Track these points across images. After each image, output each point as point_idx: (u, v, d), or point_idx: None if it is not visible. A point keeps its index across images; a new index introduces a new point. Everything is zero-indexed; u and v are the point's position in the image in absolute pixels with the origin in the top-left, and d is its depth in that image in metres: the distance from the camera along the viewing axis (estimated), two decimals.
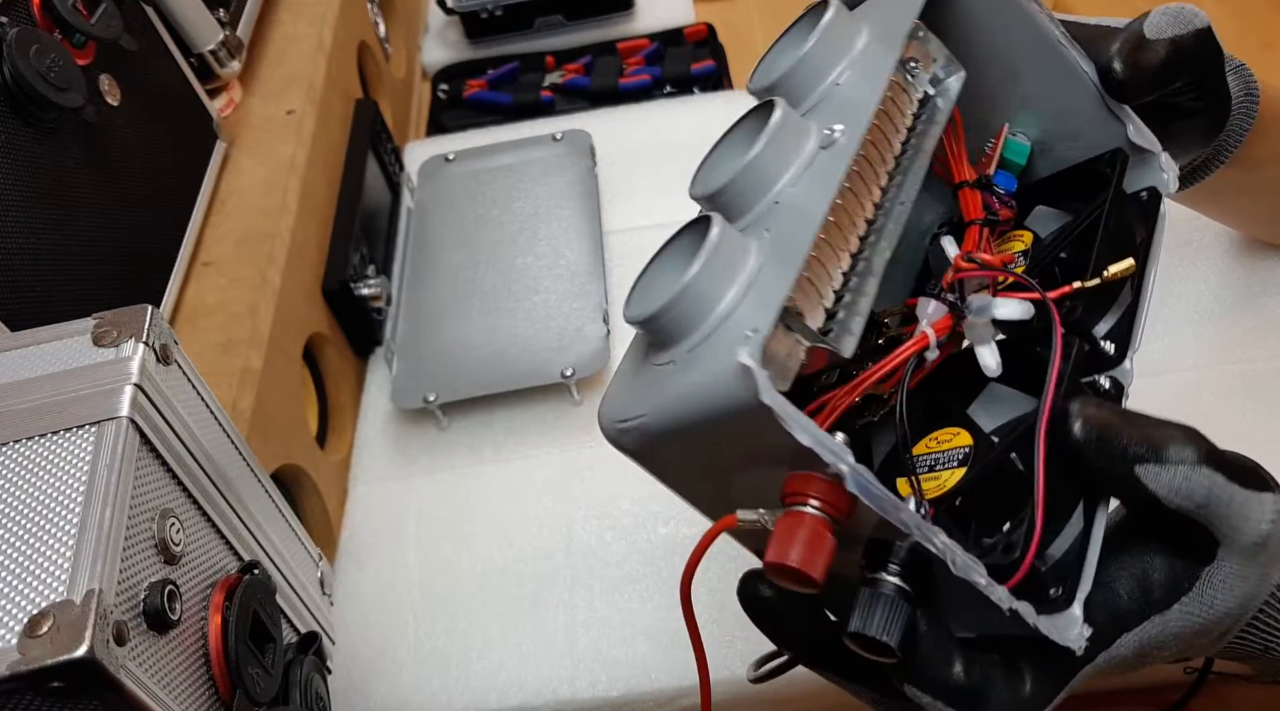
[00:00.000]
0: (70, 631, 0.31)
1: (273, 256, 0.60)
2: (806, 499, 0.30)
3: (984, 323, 0.36)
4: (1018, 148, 0.42)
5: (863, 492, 0.29)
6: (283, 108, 0.71)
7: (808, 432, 0.29)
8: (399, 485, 0.65)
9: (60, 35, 0.52)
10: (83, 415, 0.37)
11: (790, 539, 0.30)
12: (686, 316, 0.32)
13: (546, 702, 0.54)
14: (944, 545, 0.30)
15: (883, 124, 0.37)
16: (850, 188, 0.35)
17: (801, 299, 0.32)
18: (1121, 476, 0.32)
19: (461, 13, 0.98)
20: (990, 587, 0.30)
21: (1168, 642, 0.34)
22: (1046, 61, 0.40)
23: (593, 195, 0.77)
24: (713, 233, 0.31)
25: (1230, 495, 0.32)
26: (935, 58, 0.39)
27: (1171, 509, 0.32)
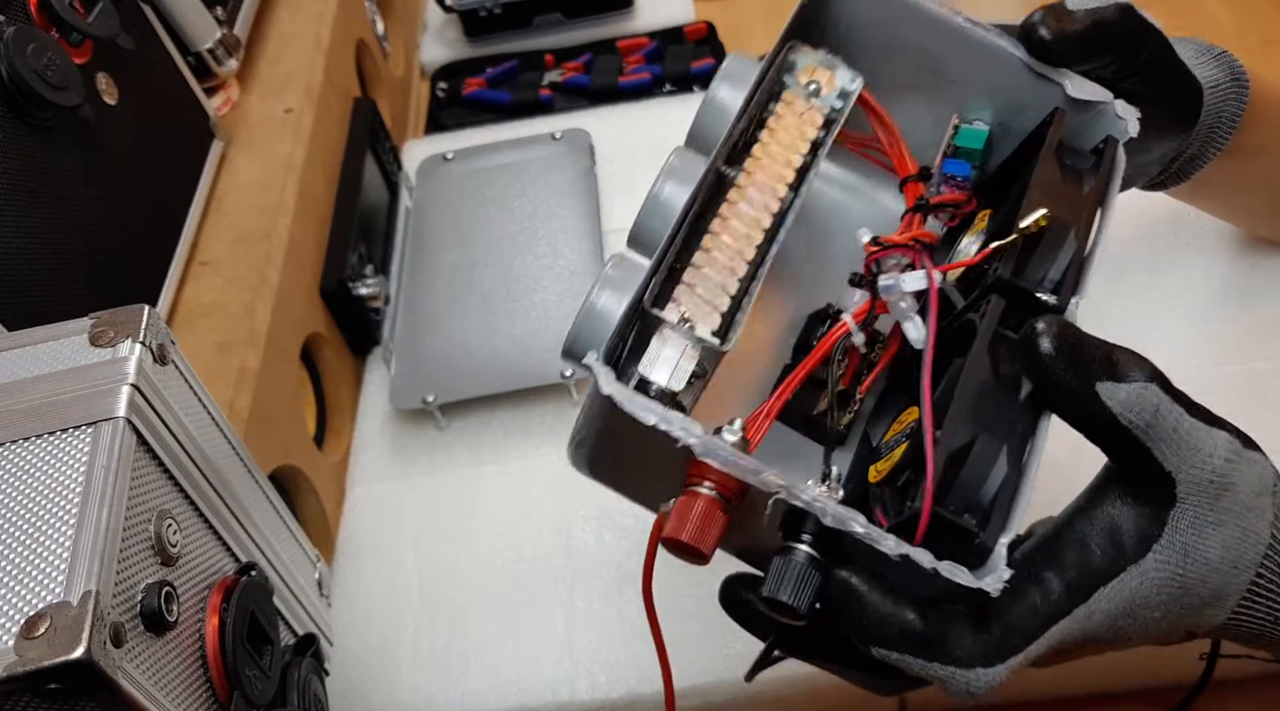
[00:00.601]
0: (67, 633, 0.30)
1: (270, 256, 0.60)
2: (701, 480, 0.33)
3: (902, 298, 0.38)
4: (973, 134, 0.43)
5: (712, 457, 0.32)
6: (280, 106, 0.70)
7: (653, 413, 0.32)
8: (397, 486, 0.65)
9: (57, 34, 0.51)
10: (79, 415, 0.37)
11: (683, 517, 0.32)
12: (594, 340, 0.35)
13: (546, 703, 0.54)
14: (809, 499, 0.32)
15: (777, 143, 0.39)
16: (741, 205, 0.38)
17: (693, 309, 0.36)
18: (1082, 392, 0.33)
19: (460, 11, 0.97)
20: (870, 536, 0.31)
21: (1154, 600, 0.34)
22: (961, 47, 0.42)
23: (592, 194, 0.77)
24: (608, 264, 0.36)
25: (1178, 418, 0.33)
26: (835, 73, 0.41)
27: (1123, 428, 0.32)
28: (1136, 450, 0.33)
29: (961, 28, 0.41)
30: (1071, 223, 0.38)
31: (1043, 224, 0.37)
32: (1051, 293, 0.37)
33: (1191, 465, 0.33)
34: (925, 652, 0.33)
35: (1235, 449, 0.33)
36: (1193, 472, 0.33)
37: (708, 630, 0.55)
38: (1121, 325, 0.63)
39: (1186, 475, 0.33)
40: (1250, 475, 0.34)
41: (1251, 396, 0.59)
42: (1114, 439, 0.33)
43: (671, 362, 0.35)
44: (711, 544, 0.32)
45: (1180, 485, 0.33)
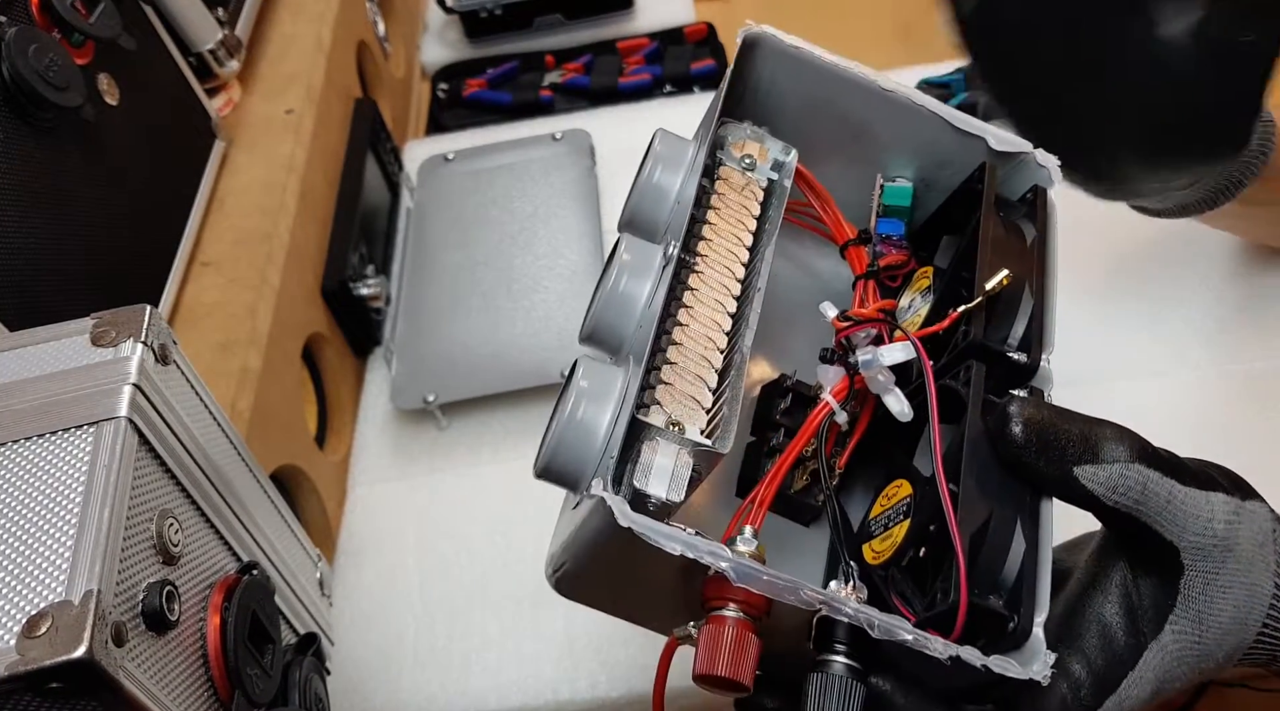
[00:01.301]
0: (69, 632, 0.31)
1: (271, 256, 0.60)
2: (725, 602, 0.31)
3: (880, 372, 0.37)
4: (899, 192, 0.44)
5: (751, 583, 0.30)
6: (282, 107, 0.71)
7: (678, 542, 0.30)
8: (398, 485, 0.65)
9: (59, 34, 0.51)
10: (81, 415, 0.37)
11: (714, 647, 0.30)
12: (575, 457, 0.33)
13: (546, 703, 0.54)
14: (854, 612, 0.30)
15: (727, 225, 0.38)
16: (704, 290, 0.36)
17: (677, 409, 0.33)
18: (1060, 478, 0.32)
19: (461, 12, 0.98)
20: (919, 642, 0.30)
21: (1176, 671, 0.34)
22: (881, 109, 0.42)
23: (592, 195, 0.77)
24: (578, 372, 0.34)
25: (1170, 491, 0.32)
26: (767, 146, 0.41)
27: (1113, 508, 0.32)
28: (1133, 524, 0.33)
29: (880, 90, 0.41)
30: (1023, 277, 0.38)
31: (1005, 284, 0.37)
32: (1019, 350, 0.37)
33: (1193, 533, 0.33)
34: None
35: (1234, 508, 0.33)
36: (1195, 539, 0.33)
37: None
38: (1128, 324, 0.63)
39: (1189, 543, 0.33)
40: (1250, 529, 0.34)
41: (1254, 398, 0.59)
42: (1107, 517, 0.33)
43: (667, 472, 0.32)
44: (751, 674, 0.30)
45: (1185, 553, 0.33)
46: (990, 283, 0.37)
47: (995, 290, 0.37)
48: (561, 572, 0.36)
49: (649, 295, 0.36)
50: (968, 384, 0.36)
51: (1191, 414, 0.38)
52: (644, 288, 0.36)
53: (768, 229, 0.39)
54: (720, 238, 0.38)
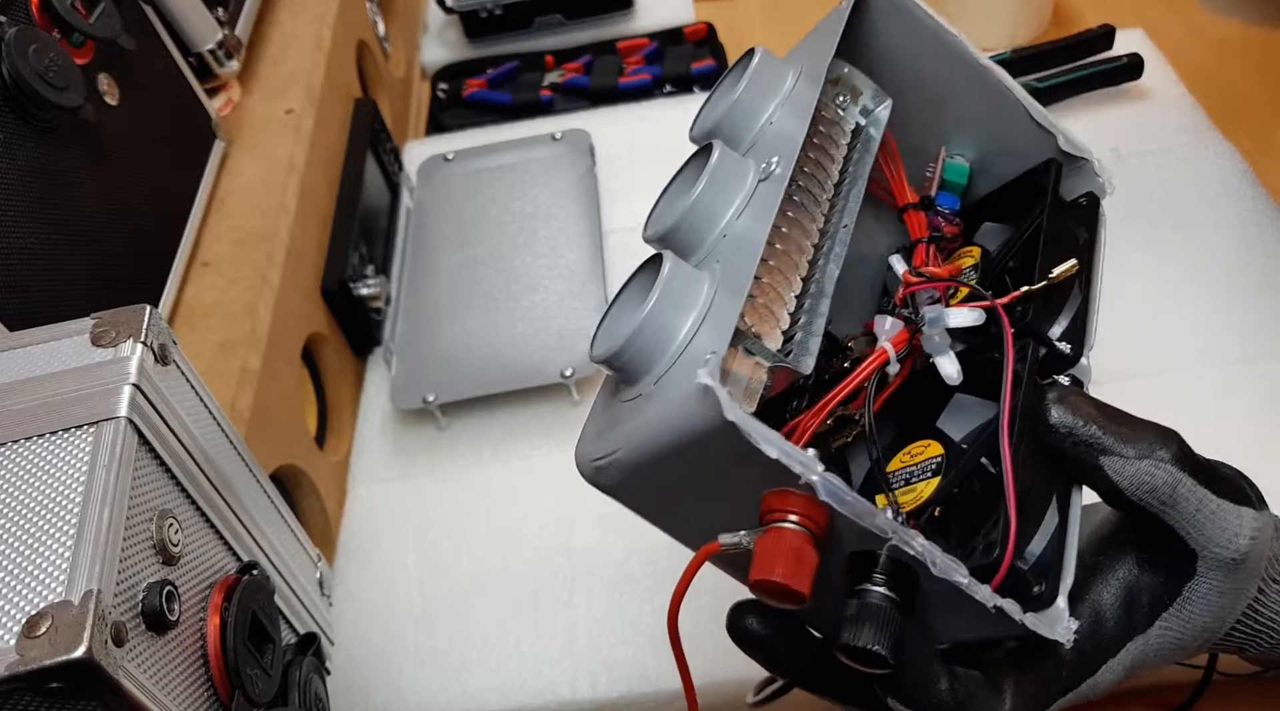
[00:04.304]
0: (69, 632, 0.31)
1: (271, 256, 0.60)
2: (785, 515, 0.30)
3: (939, 333, 0.37)
4: (957, 169, 0.44)
5: (835, 500, 0.30)
6: (282, 107, 0.71)
7: (774, 445, 0.29)
8: (398, 485, 0.65)
9: (59, 34, 0.51)
10: (81, 415, 0.37)
11: (773, 555, 0.30)
12: (647, 351, 0.33)
13: (547, 703, 0.54)
14: (923, 547, 0.30)
15: (817, 154, 0.38)
16: (792, 215, 0.36)
17: (758, 323, 0.33)
18: (1088, 465, 0.32)
19: (461, 12, 0.98)
20: (972, 586, 0.31)
21: (1150, 661, 0.34)
22: (973, 85, 0.41)
23: (592, 195, 0.77)
24: (665, 269, 0.33)
25: (1201, 500, 0.32)
26: (863, 91, 0.41)
27: (1137, 504, 0.32)
28: (1159, 524, 0.33)
29: (982, 67, 0.41)
30: (1073, 275, 0.38)
31: (1070, 274, 0.37)
32: (1064, 340, 0.37)
33: (1217, 545, 0.33)
34: None
35: (1260, 525, 0.33)
36: (1218, 552, 0.33)
37: (704, 630, 0.55)
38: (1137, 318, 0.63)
39: (1211, 554, 0.33)
40: (1263, 541, 0.34)
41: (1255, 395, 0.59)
42: (1133, 512, 0.33)
43: (742, 381, 0.32)
44: (808, 583, 0.30)
45: (1202, 562, 0.33)
46: (1059, 269, 0.37)
47: (1060, 278, 0.37)
48: (609, 462, 0.34)
49: (738, 207, 0.35)
50: (1022, 360, 0.35)
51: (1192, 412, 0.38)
52: (734, 198, 0.36)
53: (853, 172, 0.39)
54: (815, 176, 0.38)
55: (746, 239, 0.34)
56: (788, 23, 1.01)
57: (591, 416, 0.37)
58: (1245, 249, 0.66)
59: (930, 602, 0.32)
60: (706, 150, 0.37)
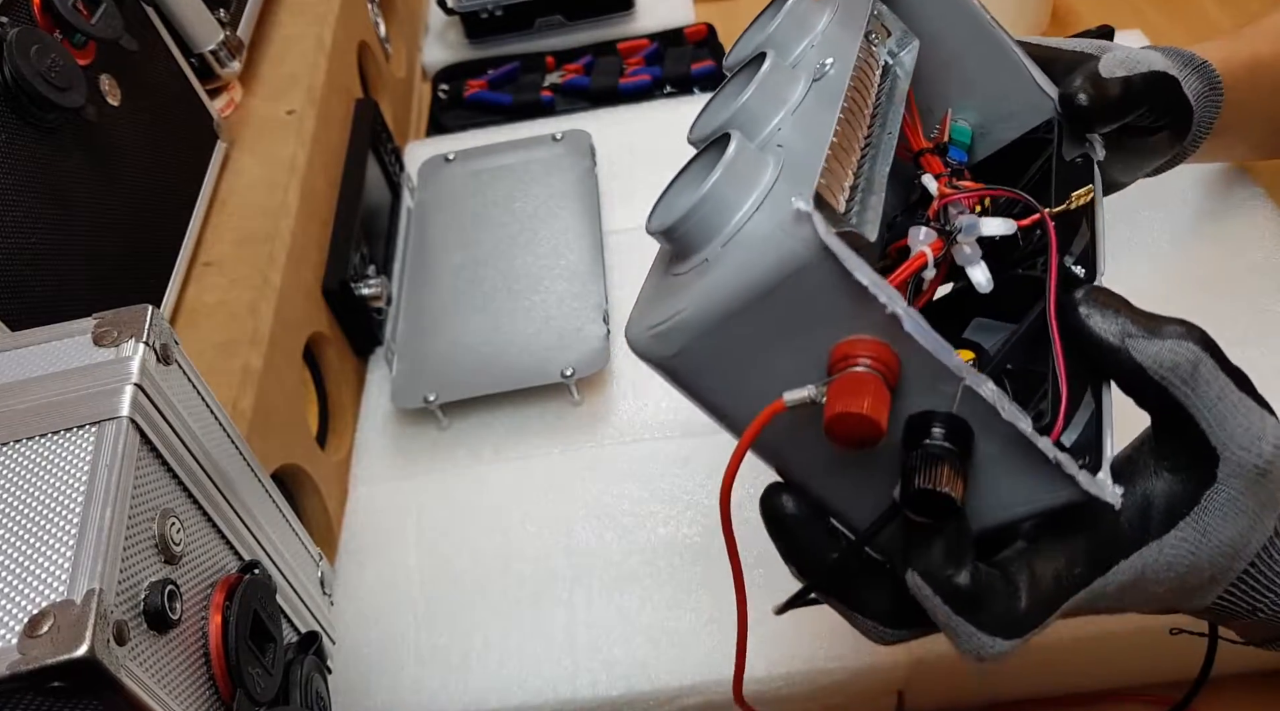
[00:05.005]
0: (70, 631, 0.31)
1: (273, 256, 0.60)
2: (858, 359, 0.31)
3: (970, 243, 0.39)
4: (961, 131, 0.45)
5: (918, 333, 0.31)
6: (283, 108, 0.71)
7: (864, 273, 0.30)
8: (399, 485, 0.65)
9: (61, 35, 0.52)
10: (83, 415, 0.37)
11: (853, 390, 0.30)
12: (712, 219, 0.32)
13: (547, 702, 0.54)
14: (993, 391, 0.31)
15: (859, 74, 0.39)
16: (842, 115, 0.36)
17: (825, 192, 0.33)
18: (1114, 348, 0.33)
19: (462, 13, 0.98)
20: (1035, 436, 0.32)
21: (1162, 575, 0.34)
22: (982, 45, 0.44)
23: (593, 195, 0.77)
24: (732, 144, 0.33)
25: (1224, 388, 0.32)
26: (891, 31, 0.43)
27: (1160, 385, 0.32)
28: (1180, 414, 0.33)
29: (995, 34, 0.43)
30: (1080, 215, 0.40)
31: (1087, 199, 0.39)
32: (1079, 265, 0.39)
33: (1240, 446, 0.32)
34: (962, 609, 0.33)
35: None
36: (1240, 454, 0.32)
37: (708, 627, 0.55)
38: None
39: (1232, 455, 0.32)
40: None
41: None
42: (1155, 400, 0.33)
43: None
44: (885, 415, 0.30)
45: (1224, 465, 0.33)
46: (1077, 192, 0.39)
47: (1078, 201, 0.39)
48: (671, 325, 0.33)
49: (794, 102, 0.36)
50: (1045, 271, 0.37)
51: None
52: (788, 96, 0.36)
53: (887, 99, 0.41)
54: (861, 93, 0.39)
55: (811, 127, 0.35)
56: None
57: (641, 297, 0.37)
58: (1241, 248, 0.66)
59: (979, 473, 0.33)
60: (754, 63, 0.37)
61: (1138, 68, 0.43)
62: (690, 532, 0.59)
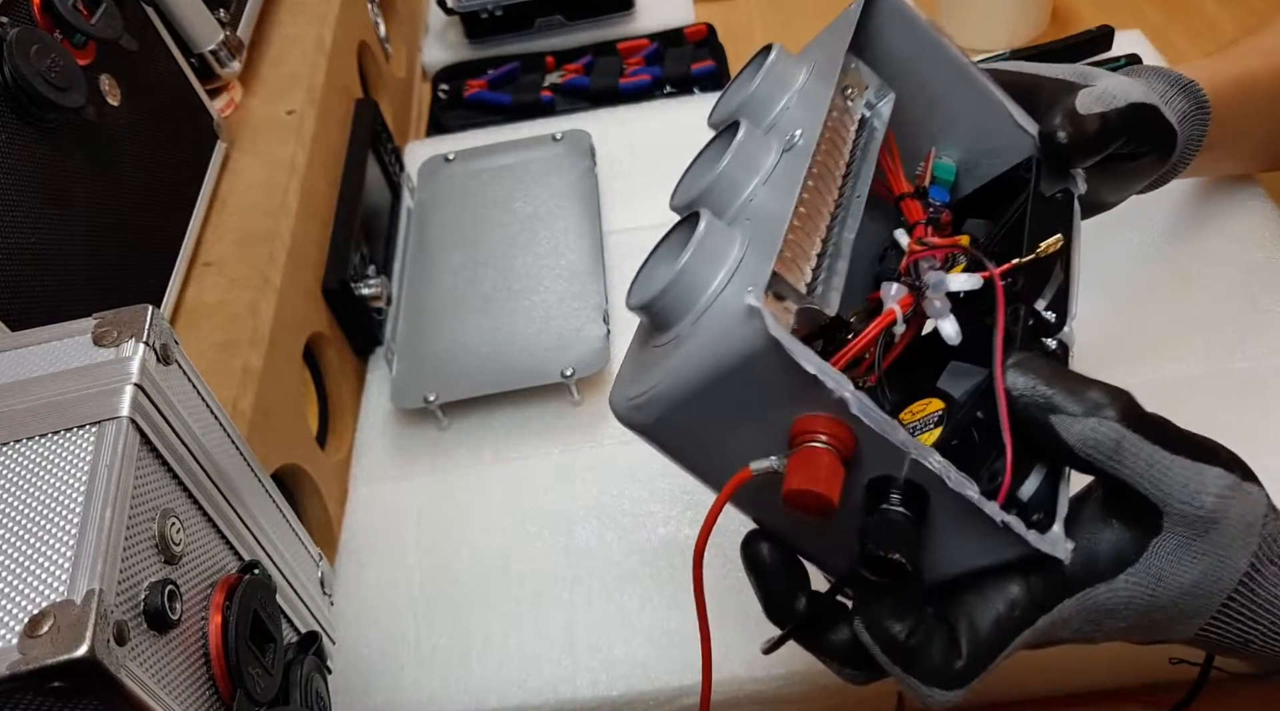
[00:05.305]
0: (71, 631, 0.31)
1: (273, 256, 0.60)
2: (815, 435, 0.33)
3: (940, 298, 0.40)
4: (945, 168, 0.47)
5: (864, 414, 0.33)
6: (283, 108, 0.71)
7: (812, 362, 0.32)
8: (399, 485, 0.65)
9: (61, 35, 0.52)
10: (83, 415, 0.37)
11: (806, 467, 0.33)
12: (684, 297, 0.35)
13: (547, 701, 0.54)
14: (939, 463, 0.33)
15: (831, 135, 0.41)
16: (812, 183, 0.39)
17: (785, 272, 0.35)
18: (1040, 423, 0.34)
19: (462, 13, 0.98)
20: (982, 502, 0.33)
21: (1120, 611, 0.35)
22: (962, 88, 0.45)
23: (593, 195, 0.77)
24: (702, 223, 0.36)
25: (1152, 456, 0.33)
26: (868, 84, 0.44)
27: (1087, 461, 0.33)
28: (1117, 483, 0.34)
29: (974, 77, 0.45)
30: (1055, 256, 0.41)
31: (1055, 248, 0.40)
32: (1050, 310, 0.40)
33: (1180, 501, 0.33)
34: (897, 659, 0.35)
35: (1229, 484, 0.34)
36: (1181, 508, 0.33)
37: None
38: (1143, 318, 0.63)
39: (1175, 510, 0.33)
40: (1241, 509, 0.34)
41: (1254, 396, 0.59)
42: (1088, 470, 0.34)
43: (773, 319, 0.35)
44: (838, 491, 0.33)
45: (1167, 518, 0.34)
46: (1046, 242, 0.40)
47: (1046, 251, 0.40)
48: (647, 398, 0.36)
49: (764, 174, 0.39)
50: (1015, 318, 0.39)
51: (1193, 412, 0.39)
52: (759, 169, 0.39)
53: (861, 154, 0.43)
54: (830, 154, 0.41)
55: (779, 197, 0.37)
56: (787, 23, 1.01)
57: (623, 366, 0.40)
58: (1241, 248, 0.66)
59: (934, 530, 0.34)
60: (730, 129, 0.39)
61: (1114, 103, 0.43)
62: (690, 532, 0.59)
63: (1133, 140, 0.45)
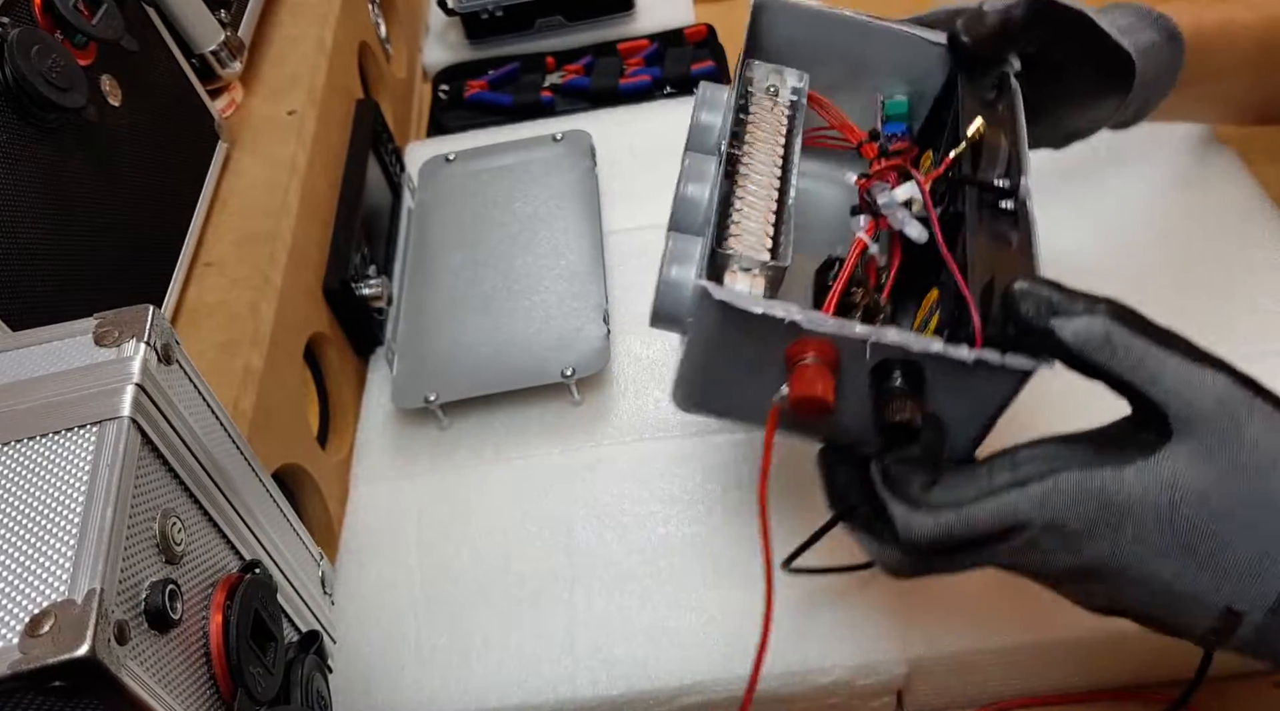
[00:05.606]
0: (71, 630, 0.31)
1: (274, 256, 0.61)
2: (802, 356, 0.39)
3: (895, 210, 0.47)
4: (896, 104, 0.54)
5: (815, 325, 0.38)
6: (284, 108, 0.71)
7: (758, 305, 0.38)
8: (400, 484, 0.65)
9: (62, 36, 0.52)
10: (84, 415, 0.37)
11: (800, 381, 0.39)
12: (672, 302, 0.44)
13: (547, 701, 0.54)
14: (897, 336, 0.38)
15: (765, 132, 0.49)
16: (749, 172, 0.47)
17: (745, 249, 0.44)
18: (1043, 329, 0.36)
19: (462, 14, 0.98)
20: (948, 348, 0.38)
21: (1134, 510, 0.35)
22: (869, 38, 0.52)
23: (593, 195, 0.77)
24: (668, 242, 0.45)
25: (1145, 350, 0.35)
26: (782, 74, 0.52)
27: (1085, 360, 0.35)
28: (1116, 380, 0.35)
29: (873, 25, 0.52)
30: (999, 131, 0.47)
31: (982, 130, 0.46)
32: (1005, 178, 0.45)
33: (1181, 401, 0.34)
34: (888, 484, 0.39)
35: (1243, 399, 0.34)
36: (1183, 410, 0.34)
37: (707, 626, 0.55)
38: None
39: (1178, 412, 0.34)
40: (1272, 439, 0.34)
41: None
42: (1089, 373, 0.36)
43: (747, 287, 0.43)
44: (832, 393, 0.39)
45: (1174, 421, 0.35)
46: (971, 128, 0.46)
47: (975, 136, 0.46)
48: (675, 386, 0.45)
49: (711, 190, 0.46)
50: (958, 195, 0.45)
51: None
52: (706, 184, 0.47)
53: (794, 135, 0.50)
54: (761, 142, 0.49)
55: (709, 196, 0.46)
56: None
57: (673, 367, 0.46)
58: (1240, 248, 0.66)
59: (941, 397, 0.39)
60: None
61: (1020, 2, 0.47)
62: (690, 532, 0.59)
63: (1046, 40, 0.48)
